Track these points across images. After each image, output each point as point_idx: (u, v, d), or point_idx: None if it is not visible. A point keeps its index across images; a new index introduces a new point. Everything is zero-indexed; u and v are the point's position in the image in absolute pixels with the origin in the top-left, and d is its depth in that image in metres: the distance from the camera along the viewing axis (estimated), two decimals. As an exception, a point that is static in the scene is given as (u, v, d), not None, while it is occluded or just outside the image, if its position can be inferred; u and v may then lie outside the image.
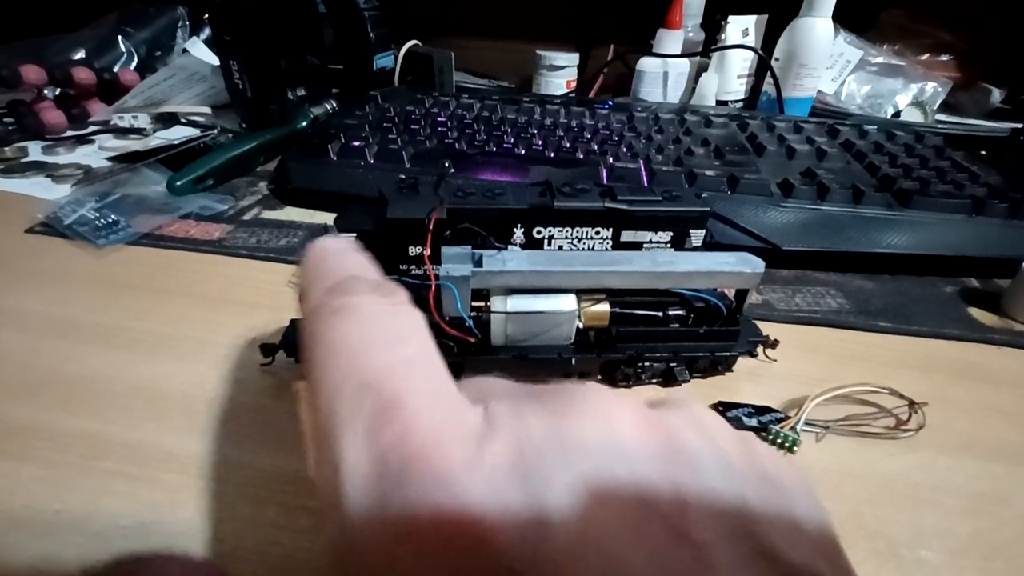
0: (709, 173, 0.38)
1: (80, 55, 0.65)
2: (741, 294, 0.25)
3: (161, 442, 0.21)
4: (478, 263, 0.23)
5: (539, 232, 0.25)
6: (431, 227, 0.23)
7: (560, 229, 0.25)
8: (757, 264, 0.23)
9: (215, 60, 0.63)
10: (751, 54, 0.57)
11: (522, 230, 0.25)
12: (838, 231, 0.35)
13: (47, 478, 0.19)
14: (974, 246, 0.35)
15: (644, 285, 0.23)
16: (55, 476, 0.19)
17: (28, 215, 0.37)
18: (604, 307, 0.24)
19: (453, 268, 0.22)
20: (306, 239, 0.36)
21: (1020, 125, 0.55)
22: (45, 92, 0.55)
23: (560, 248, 0.25)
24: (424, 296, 0.23)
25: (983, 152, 0.53)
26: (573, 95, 0.66)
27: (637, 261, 0.23)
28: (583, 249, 0.25)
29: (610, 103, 0.53)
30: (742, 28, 0.56)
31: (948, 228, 0.36)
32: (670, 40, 0.54)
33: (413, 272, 0.24)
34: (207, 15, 0.71)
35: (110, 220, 0.36)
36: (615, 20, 0.77)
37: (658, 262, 0.23)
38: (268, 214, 0.40)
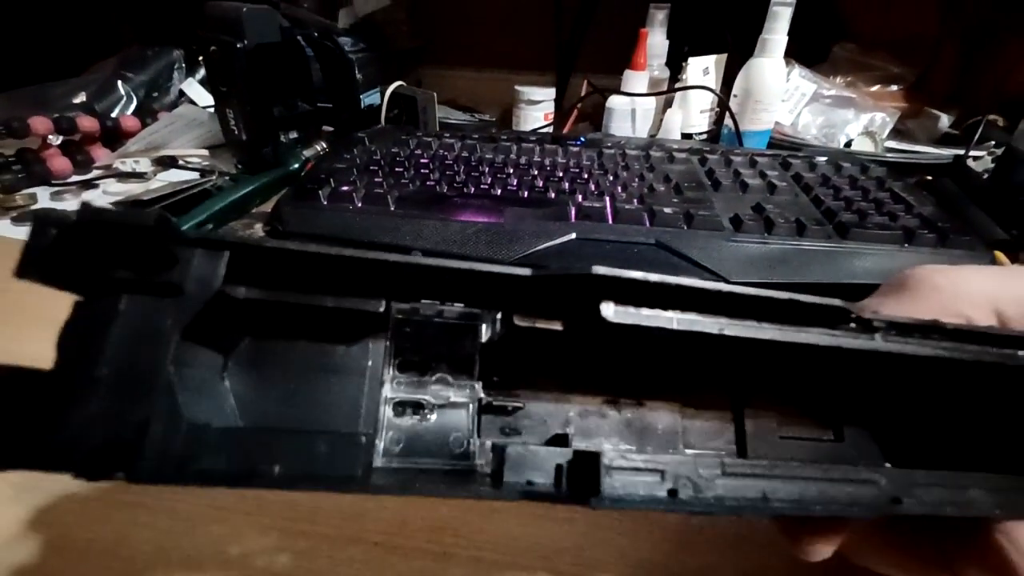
0: (667, 210, 0.42)
1: (82, 99, 0.69)
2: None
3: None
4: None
5: None
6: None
7: None
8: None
9: (210, 99, 0.67)
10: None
11: None
12: (782, 263, 0.39)
13: (78, 511, 0.22)
14: (904, 274, 0.39)
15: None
16: (85, 509, 0.22)
17: (42, 263, 0.41)
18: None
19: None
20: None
21: (962, 152, 0.60)
22: (50, 139, 0.58)
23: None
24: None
25: (929, 178, 0.57)
26: (549, 129, 0.70)
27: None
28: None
29: (582, 139, 0.57)
30: (703, 67, 0.60)
31: (881, 258, 0.40)
32: (636, 80, 0.59)
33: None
34: (202, 58, 0.75)
35: (119, 267, 0.39)
36: (591, 53, 0.81)
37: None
38: (264, 256, 0.43)
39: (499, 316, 0.14)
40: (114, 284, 0.11)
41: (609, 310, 0.12)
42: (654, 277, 0.12)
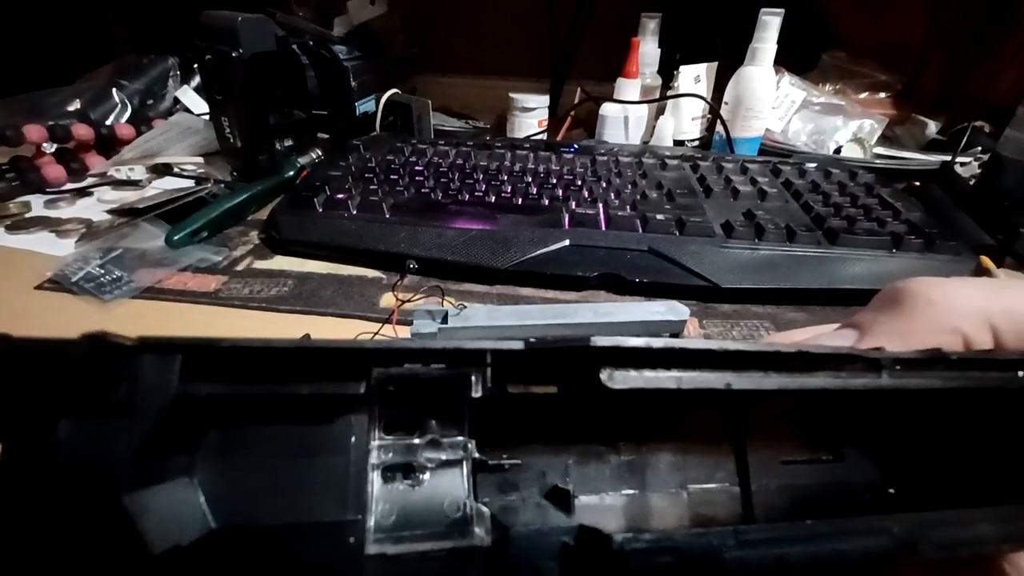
0: (660, 217, 0.43)
1: (76, 106, 0.69)
2: (675, 336, 0.29)
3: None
4: (444, 320, 0.26)
5: None
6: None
7: None
8: (683, 312, 0.28)
9: (205, 106, 0.67)
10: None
11: None
12: (772, 269, 0.40)
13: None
14: (892, 280, 0.40)
15: (588, 334, 0.27)
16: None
17: (37, 271, 0.41)
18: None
19: (422, 325, 0.26)
20: (295, 288, 0.40)
21: (949, 158, 0.61)
22: (44, 147, 0.58)
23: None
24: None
25: (917, 184, 0.58)
26: (543, 136, 0.71)
27: (582, 314, 0.27)
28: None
29: (576, 146, 0.58)
30: (694, 75, 0.61)
31: (870, 263, 0.40)
32: (628, 88, 0.59)
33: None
34: (197, 66, 0.76)
35: (114, 276, 0.39)
36: (585, 61, 0.82)
37: (600, 314, 0.27)
38: (259, 264, 0.43)
39: (489, 372, 0.13)
40: (48, 411, 0.09)
41: (609, 376, 0.12)
42: (657, 344, 0.12)
